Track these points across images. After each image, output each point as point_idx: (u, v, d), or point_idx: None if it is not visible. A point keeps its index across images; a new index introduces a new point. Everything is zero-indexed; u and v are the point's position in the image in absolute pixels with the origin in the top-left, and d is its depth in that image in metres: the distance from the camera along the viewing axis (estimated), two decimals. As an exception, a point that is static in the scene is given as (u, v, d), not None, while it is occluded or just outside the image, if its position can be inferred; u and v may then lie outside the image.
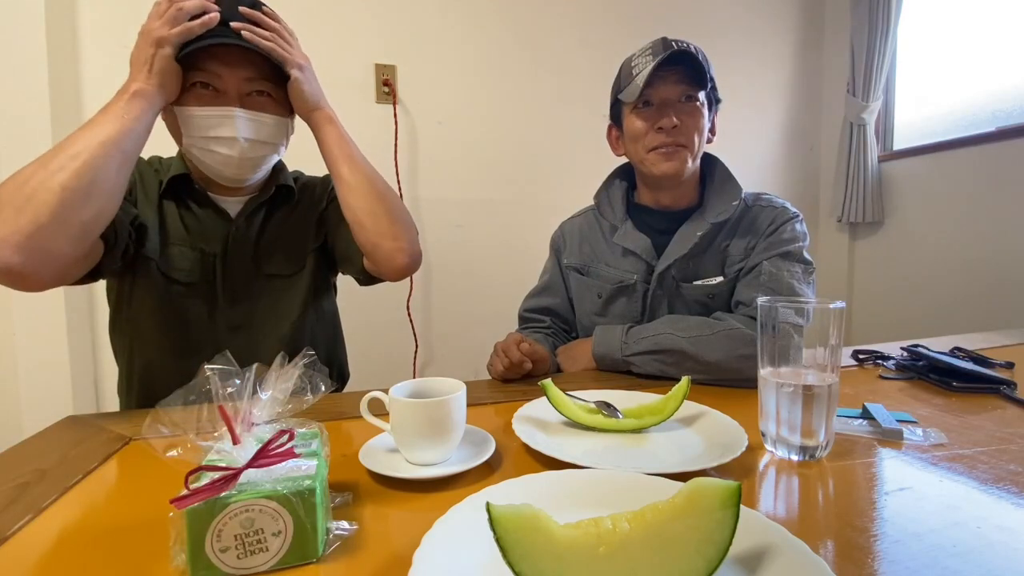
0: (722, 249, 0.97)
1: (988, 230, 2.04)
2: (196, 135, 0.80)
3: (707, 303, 0.97)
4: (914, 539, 0.42)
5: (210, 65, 0.78)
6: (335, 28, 1.85)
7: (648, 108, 0.95)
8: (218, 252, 0.88)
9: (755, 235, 0.96)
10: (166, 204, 0.88)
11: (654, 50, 0.93)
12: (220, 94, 0.80)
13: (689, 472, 0.49)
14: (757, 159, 2.54)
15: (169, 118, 0.82)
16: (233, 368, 0.44)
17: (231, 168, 0.83)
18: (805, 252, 0.95)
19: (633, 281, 1.00)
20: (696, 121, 0.95)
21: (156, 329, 0.87)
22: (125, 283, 0.87)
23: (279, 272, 0.93)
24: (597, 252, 1.07)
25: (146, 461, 0.57)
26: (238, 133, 0.80)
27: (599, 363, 0.94)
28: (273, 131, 0.85)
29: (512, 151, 2.13)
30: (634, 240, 1.00)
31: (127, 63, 0.75)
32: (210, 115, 0.79)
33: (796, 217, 0.98)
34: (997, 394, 0.79)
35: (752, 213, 0.99)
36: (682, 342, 0.85)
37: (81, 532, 0.44)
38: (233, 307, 0.90)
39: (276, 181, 0.93)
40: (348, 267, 0.96)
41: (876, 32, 2.30)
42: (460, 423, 0.54)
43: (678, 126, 0.93)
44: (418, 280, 2.04)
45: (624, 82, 0.97)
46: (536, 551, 0.32)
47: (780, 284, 0.89)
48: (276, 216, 0.94)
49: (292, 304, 0.94)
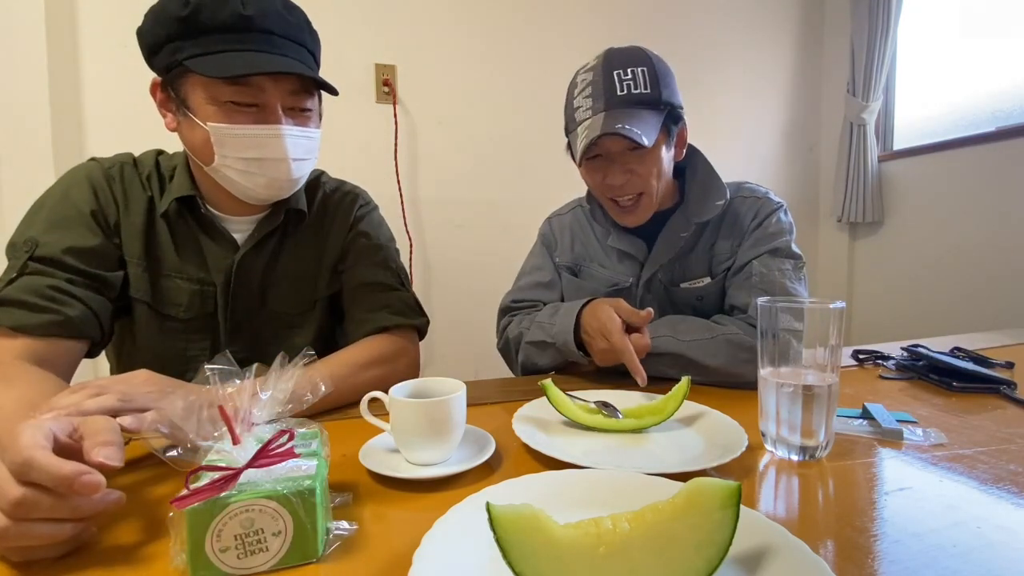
0: (708, 248, 0.95)
1: (988, 230, 2.04)
2: (235, 155, 0.71)
3: (696, 305, 0.95)
4: (914, 539, 0.42)
5: (253, 79, 0.69)
6: (335, 28, 1.85)
7: (596, 159, 0.90)
8: (220, 283, 0.80)
9: (740, 231, 0.93)
10: (158, 227, 0.79)
11: (594, 90, 0.86)
12: (262, 110, 0.71)
13: (689, 472, 0.49)
14: (757, 159, 2.54)
15: (194, 133, 0.72)
16: (233, 368, 0.44)
17: (271, 190, 0.76)
18: (793, 245, 0.92)
19: (628, 284, 0.99)
20: (649, 167, 0.88)
21: (153, 365, 0.78)
22: (118, 324, 0.81)
23: (286, 311, 0.86)
24: (589, 252, 1.04)
25: (146, 461, 0.57)
26: (287, 154, 0.72)
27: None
28: (315, 145, 0.78)
29: (512, 151, 2.13)
30: (629, 243, 0.98)
31: (127, 63, 0.74)
32: (256, 134, 0.71)
33: (780, 207, 0.94)
34: (997, 394, 0.79)
35: (734, 207, 0.95)
36: (681, 346, 0.83)
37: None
38: (236, 341, 0.83)
39: (288, 204, 0.83)
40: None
41: (876, 32, 2.30)
42: (460, 423, 0.54)
43: (630, 178, 0.88)
44: (418, 280, 2.04)
45: (568, 124, 0.92)
46: (536, 551, 0.32)
47: (772, 285, 0.87)
48: (287, 244, 0.86)
49: (301, 341, 0.87)
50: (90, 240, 0.73)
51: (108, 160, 0.81)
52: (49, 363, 0.66)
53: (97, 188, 0.77)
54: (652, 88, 0.85)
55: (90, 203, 0.75)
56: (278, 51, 0.70)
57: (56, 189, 0.77)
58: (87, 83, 1.63)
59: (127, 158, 0.82)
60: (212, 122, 0.70)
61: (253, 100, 0.70)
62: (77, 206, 0.74)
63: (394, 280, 0.89)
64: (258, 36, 0.69)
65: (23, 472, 0.36)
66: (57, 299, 0.67)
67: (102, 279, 0.73)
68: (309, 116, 0.77)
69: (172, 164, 0.82)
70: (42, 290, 0.67)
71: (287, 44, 0.71)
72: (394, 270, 0.91)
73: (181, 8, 0.67)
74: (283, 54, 0.70)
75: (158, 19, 0.69)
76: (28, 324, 0.65)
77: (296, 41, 0.73)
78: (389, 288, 0.88)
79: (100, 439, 0.40)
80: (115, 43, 1.62)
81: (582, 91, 0.90)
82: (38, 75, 1.52)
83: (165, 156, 0.85)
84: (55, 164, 1.54)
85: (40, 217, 0.73)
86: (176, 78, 0.71)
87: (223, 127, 0.70)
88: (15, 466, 0.36)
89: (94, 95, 1.64)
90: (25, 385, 0.58)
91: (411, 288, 0.92)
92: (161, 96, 0.74)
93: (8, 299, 0.66)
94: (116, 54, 1.63)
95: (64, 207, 0.74)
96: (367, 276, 0.88)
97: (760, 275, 0.88)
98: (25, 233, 0.71)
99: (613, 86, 0.85)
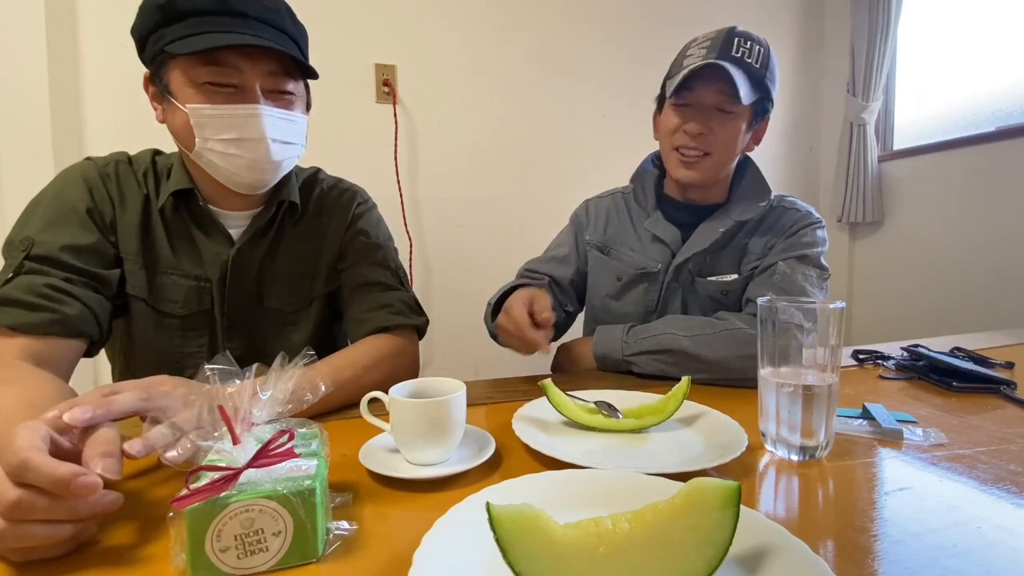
0: (741, 247, 0.97)
1: (988, 230, 2.04)
2: (215, 137, 0.71)
3: (720, 299, 0.96)
4: (914, 539, 0.42)
5: (229, 59, 0.69)
6: (335, 28, 1.85)
7: (684, 107, 0.92)
8: (215, 279, 0.80)
9: (776, 235, 0.96)
10: (154, 224, 0.79)
11: (712, 43, 0.89)
12: (240, 90, 0.71)
13: (689, 472, 0.49)
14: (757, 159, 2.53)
15: (175, 117, 0.72)
16: (233, 368, 0.44)
17: (254, 173, 0.75)
18: (823, 258, 0.94)
19: (656, 269, 0.99)
20: (728, 132, 0.91)
21: (152, 362, 0.81)
22: (116, 322, 0.81)
23: (282, 307, 0.86)
24: (621, 235, 1.06)
25: (146, 461, 0.57)
26: (266, 133, 0.72)
27: (600, 363, 0.93)
28: (299, 130, 0.78)
29: (512, 151, 2.13)
30: (664, 229, 0.99)
31: (127, 63, 0.74)
32: (233, 114, 0.70)
33: (819, 223, 0.97)
34: (997, 394, 0.79)
35: (776, 214, 0.98)
36: (684, 341, 0.84)
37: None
38: (233, 338, 0.83)
39: (280, 196, 0.83)
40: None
41: (876, 32, 2.30)
42: (460, 423, 0.54)
43: (705, 134, 0.90)
44: (418, 280, 2.04)
45: (673, 69, 0.95)
46: (536, 551, 0.32)
47: (792, 285, 0.88)
48: (284, 240, 0.86)
49: (298, 338, 0.87)
50: (86, 238, 0.73)
51: (103, 159, 0.81)
52: (48, 362, 0.65)
53: (92, 186, 0.77)
54: (762, 67, 0.90)
55: (86, 201, 0.75)
56: (251, 32, 0.70)
57: (51, 188, 0.76)
58: (87, 83, 1.63)
59: (122, 156, 0.82)
60: (191, 104, 0.70)
61: (230, 80, 0.70)
62: (73, 204, 0.74)
63: (393, 280, 0.89)
64: (235, 19, 0.70)
65: (19, 474, 0.35)
66: (54, 298, 0.67)
67: (99, 277, 0.73)
68: (291, 100, 0.76)
69: (168, 162, 0.83)
70: (39, 289, 0.67)
71: (263, 27, 0.72)
72: (393, 269, 0.91)
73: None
74: (257, 35, 0.71)
75: (143, 11, 0.71)
76: (26, 323, 0.65)
77: (274, 25, 0.73)
78: (388, 288, 0.88)
79: (99, 449, 0.40)
80: (115, 43, 1.62)
81: (699, 44, 0.93)
82: (38, 75, 1.52)
83: (162, 155, 0.85)
84: (55, 164, 1.54)
85: (36, 216, 0.73)
86: (160, 66, 0.72)
87: (201, 108, 0.70)
88: (11, 468, 0.36)
89: (94, 95, 1.64)
90: (24, 384, 0.58)
91: (410, 287, 0.92)
92: (152, 89, 0.75)
93: (5, 298, 0.66)
94: (116, 54, 1.63)
95: (60, 205, 0.74)
96: (366, 276, 0.88)
97: (783, 275, 0.89)
98: (21, 232, 0.71)
99: (731, 45, 0.89)
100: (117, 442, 0.42)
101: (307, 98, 0.82)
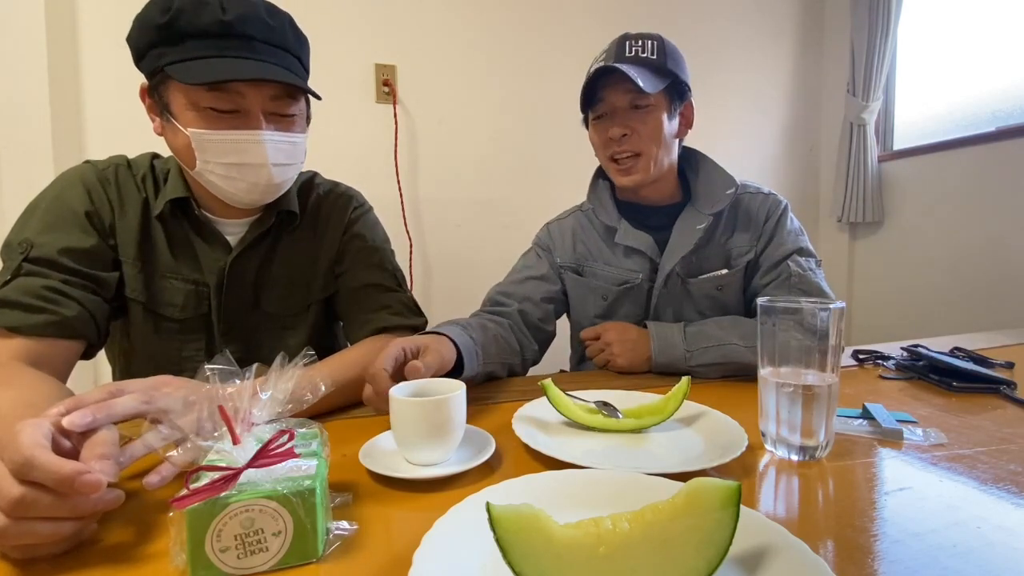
0: (724, 242, 0.97)
1: (988, 230, 2.04)
2: (216, 160, 0.71)
3: (716, 295, 0.97)
4: (914, 539, 0.41)
5: (233, 85, 0.69)
6: (335, 28, 1.85)
7: (602, 117, 0.94)
8: (213, 284, 0.81)
9: (756, 226, 0.97)
10: (154, 228, 0.79)
11: (607, 53, 0.91)
12: (242, 115, 0.71)
13: (689, 472, 0.49)
14: (757, 159, 2.54)
15: (176, 137, 0.72)
16: (233, 368, 0.44)
17: (253, 195, 0.76)
18: (810, 243, 0.97)
19: (639, 280, 0.99)
20: (649, 126, 0.91)
21: (150, 365, 0.81)
22: (114, 325, 0.81)
23: (279, 312, 0.87)
24: (593, 251, 1.05)
25: (146, 461, 0.57)
26: (268, 159, 0.72)
27: (657, 368, 0.89)
28: (299, 149, 0.78)
29: (512, 151, 2.13)
30: (636, 238, 0.99)
31: (127, 63, 0.73)
32: (236, 139, 0.70)
33: (785, 204, 1.00)
34: (997, 394, 0.78)
35: (743, 203, 0.99)
36: (748, 355, 0.82)
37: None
38: (230, 342, 0.83)
39: (278, 206, 0.83)
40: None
41: (876, 32, 2.30)
42: (460, 423, 0.54)
43: (628, 134, 0.91)
44: (418, 280, 2.04)
45: (582, 94, 0.96)
46: (536, 551, 0.32)
47: (809, 285, 0.90)
48: (281, 246, 0.86)
49: (295, 342, 0.87)
50: (85, 241, 0.73)
51: (102, 162, 0.81)
52: (45, 364, 0.66)
53: (91, 189, 0.77)
54: (659, 56, 0.90)
55: (84, 204, 0.75)
56: (258, 56, 0.69)
57: (50, 191, 0.77)
58: (87, 83, 1.63)
59: (121, 160, 0.82)
60: (192, 128, 0.70)
61: (233, 106, 0.70)
62: (71, 207, 0.75)
63: (391, 281, 0.89)
64: (238, 42, 0.68)
65: (23, 471, 0.36)
66: (53, 300, 0.68)
67: (97, 280, 0.73)
68: (293, 121, 0.76)
69: (167, 167, 0.83)
70: (38, 291, 0.67)
71: (268, 49, 0.71)
72: (391, 271, 0.91)
73: (161, 15, 0.66)
74: (263, 60, 0.70)
75: (141, 26, 0.69)
76: (24, 325, 0.65)
77: (279, 46, 0.72)
78: (387, 289, 0.88)
79: (98, 451, 0.41)
80: (115, 43, 1.61)
81: (598, 59, 0.94)
82: (38, 75, 1.52)
83: (160, 159, 0.85)
84: (55, 164, 1.54)
85: (35, 219, 0.73)
86: (159, 84, 0.71)
87: (202, 133, 0.69)
88: (15, 465, 0.36)
89: (94, 95, 1.64)
90: (21, 385, 0.58)
91: (408, 289, 0.93)
92: (149, 101, 0.75)
93: (3, 300, 0.66)
94: (116, 54, 1.62)
95: (59, 208, 0.74)
96: (364, 278, 0.88)
97: (798, 276, 0.91)
98: (20, 234, 0.72)
99: (624, 48, 0.90)
100: (115, 444, 0.42)
101: (307, 112, 0.81)
